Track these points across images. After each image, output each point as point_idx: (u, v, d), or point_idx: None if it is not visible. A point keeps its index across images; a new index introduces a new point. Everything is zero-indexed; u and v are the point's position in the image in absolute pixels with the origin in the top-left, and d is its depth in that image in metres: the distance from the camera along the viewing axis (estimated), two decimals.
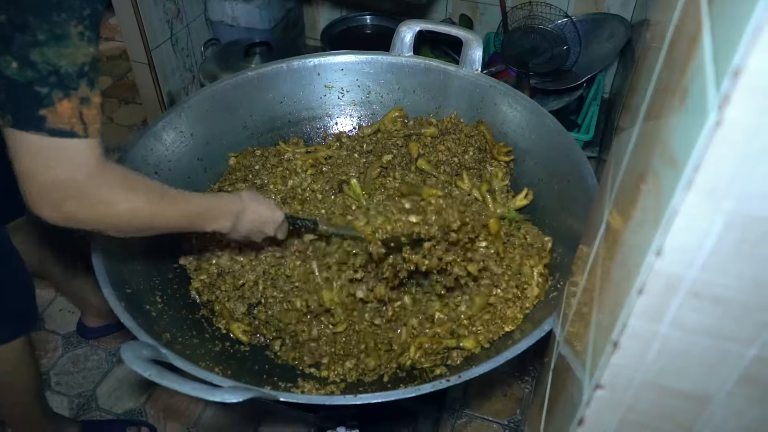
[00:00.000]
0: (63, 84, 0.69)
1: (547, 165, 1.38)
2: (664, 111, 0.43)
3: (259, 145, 1.54)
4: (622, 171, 0.57)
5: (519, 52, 2.11)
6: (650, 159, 0.44)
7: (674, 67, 0.43)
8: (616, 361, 0.44)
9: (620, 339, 0.42)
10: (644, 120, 0.52)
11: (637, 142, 0.53)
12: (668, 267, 0.37)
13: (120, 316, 0.99)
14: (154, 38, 2.11)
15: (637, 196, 0.46)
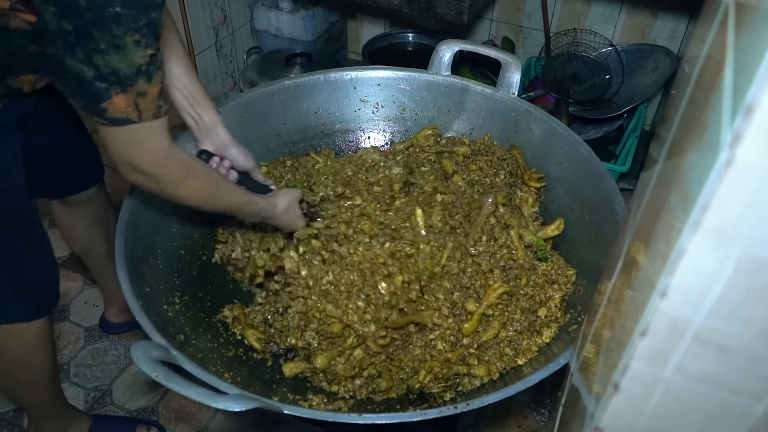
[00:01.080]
0: (121, 82, 0.79)
1: (578, 194, 1.35)
2: (685, 146, 0.42)
3: (291, 154, 1.55)
4: (644, 206, 0.55)
5: (560, 78, 2.09)
6: (668, 195, 0.42)
7: (698, 101, 0.42)
8: (616, 404, 0.41)
9: (621, 381, 0.40)
10: (667, 154, 0.50)
11: (659, 177, 0.51)
12: (673, 309, 0.35)
13: (136, 314, 1.00)
14: (199, 43, 2.15)
15: (653, 233, 0.44)
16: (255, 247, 1.26)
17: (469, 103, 1.56)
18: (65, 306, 1.78)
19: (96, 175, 1.49)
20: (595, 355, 0.59)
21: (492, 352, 1.15)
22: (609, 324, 0.53)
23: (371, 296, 1.16)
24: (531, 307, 1.19)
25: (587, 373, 0.62)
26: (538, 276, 1.25)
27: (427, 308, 1.18)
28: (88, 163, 1.46)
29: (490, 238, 1.30)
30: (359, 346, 1.15)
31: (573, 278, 1.24)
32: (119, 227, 1.14)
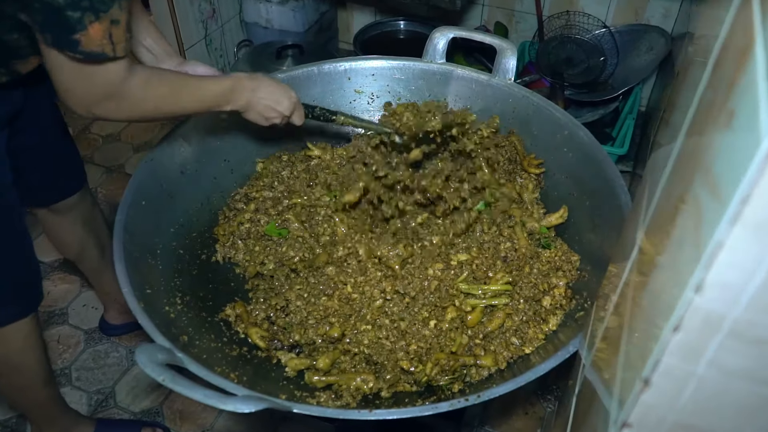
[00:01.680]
0: (94, 8, 0.77)
1: (578, 179, 1.34)
2: (707, 133, 0.40)
3: (287, 149, 1.53)
4: (659, 192, 0.54)
5: (554, 61, 2.07)
6: (690, 183, 0.41)
7: (719, 86, 0.40)
8: (646, 400, 0.40)
9: (652, 377, 0.39)
10: (684, 140, 0.49)
11: (676, 163, 0.50)
12: (708, 304, 0.33)
13: (138, 316, 0.99)
14: (188, 37, 2.12)
15: (674, 222, 0.43)
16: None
17: (466, 90, 1.55)
18: (64, 309, 1.76)
19: (79, 181, 1.48)
20: (612, 352, 0.58)
21: (498, 342, 1.14)
22: (629, 319, 0.52)
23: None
24: (535, 296, 1.18)
25: (603, 368, 0.61)
26: (542, 264, 1.24)
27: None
28: (71, 168, 1.45)
29: (493, 228, 1.29)
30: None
31: (577, 264, 1.23)
32: (117, 229, 1.13)
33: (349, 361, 1.15)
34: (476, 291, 1.19)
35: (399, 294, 1.19)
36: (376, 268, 1.23)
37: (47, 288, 1.79)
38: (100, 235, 1.55)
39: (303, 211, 1.36)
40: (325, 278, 1.22)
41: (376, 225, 1.31)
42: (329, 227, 1.31)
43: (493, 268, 1.23)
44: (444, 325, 1.16)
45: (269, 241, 1.33)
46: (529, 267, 1.23)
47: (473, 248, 1.24)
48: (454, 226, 1.28)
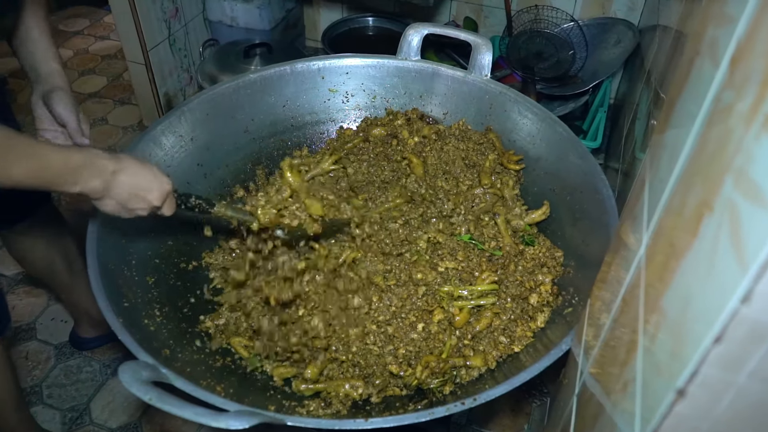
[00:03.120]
0: None
1: (558, 174, 1.34)
2: (731, 135, 0.39)
3: (260, 150, 1.49)
4: (667, 194, 0.53)
5: (524, 56, 2.08)
6: (716, 187, 0.40)
7: (744, 86, 0.39)
8: (680, 411, 0.39)
9: (688, 387, 0.38)
10: (697, 142, 0.48)
11: (692, 163, 0.48)
12: (756, 314, 0.32)
13: (118, 333, 0.95)
14: (151, 38, 2.06)
15: (697, 229, 0.42)
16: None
17: (441, 87, 1.53)
18: (31, 324, 1.68)
19: (38, 200, 1.41)
20: (620, 361, 0.57)
21: (487, 342, 1.13)
22: (648, 328, 0.51)
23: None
24: (522, 293, 1.18)
25: (610, 381, 0.60)
26: (526, 261, 1.23)
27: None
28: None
29: (477, 227, 1.28)
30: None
31: (561, 260, 1.23)
32: (89, 242, 1.08)
33: (336, 368, 1.13)
34: (463, 292, 1.18)
35: (384, 301, 1.17)
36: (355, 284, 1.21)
37: (12, 302, 1.72)
38: (67, 250, 1.49)
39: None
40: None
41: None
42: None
43: (478, 268, 1.22)
44: (432, 328, 1.14)
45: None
46: (514, 265, 1.22)
47: (459, 252, 1.23)
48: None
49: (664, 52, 1.33)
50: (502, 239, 1.27)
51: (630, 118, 1.68)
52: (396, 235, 1.26)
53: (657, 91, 1.36)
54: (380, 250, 1.24)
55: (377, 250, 1.24)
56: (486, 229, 1.29)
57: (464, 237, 1.27)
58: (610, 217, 1.14)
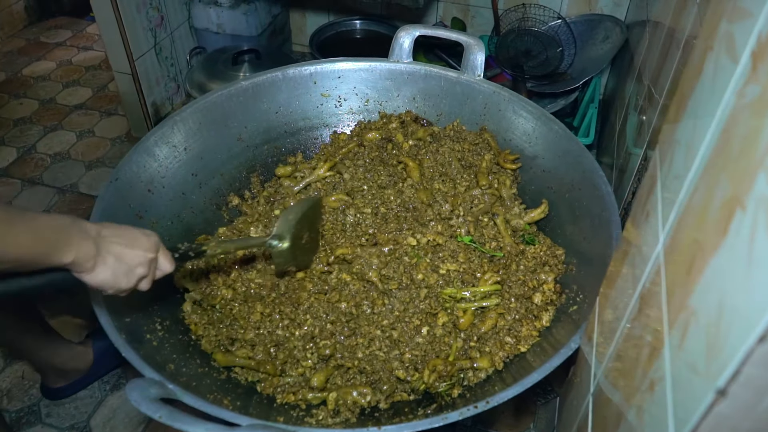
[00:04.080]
0: None
1: (555, 172, 1.34)
2: (763, 132, 0.39)
3: (254, 158, 1.48)
4: (687, 189, 0.53)
5: (513, 54, 2.08)
6: (747, 183, 0.39)
7: None
8: (721, 411, 0.39)
9: (730, 387, 0.37)
10: (721, 136, 0.47)
11: (715, 159, 0.48)
12: None
13: (121, 350, 0.93)
14: (137, 47, 2.03)
15: (728, 223, 0.41)
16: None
17: (434, 88, 1.53)
18: None
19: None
20: (643, 362, 0.56)
21: (493, 343, 1.13)
22: (667, 323, 0.51)
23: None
24: (525, 293, 1.17)
25: (630, 379, 0.59)
26: (527, 260, 1.23)
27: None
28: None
29: (476, 228, 1.28)
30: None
31: (563, 258, 1.23)
32: None
33: (342, 375, 1.11)
34: (465, 294, 1.18)
35: (387, 306, 1.17)
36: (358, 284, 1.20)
37: None
38: (15, 320, 1.35)
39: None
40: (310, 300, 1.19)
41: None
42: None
43: (480, 269, 1.22)
44: (437, 331, 1.14)
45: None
46: (515, 265, 1.22)
47: (460, 254, 1.22)
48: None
49: (657, 48, 1.34)
50: (503, 239, 1.27)
51: (622, 114, 1.68)
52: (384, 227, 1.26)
53: (649, 87, 1.36)
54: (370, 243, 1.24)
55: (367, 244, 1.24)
56: (486, 230, 1.29)
57: (465, 239, 1.26)
58: (611, 213, 1.14)
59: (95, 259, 0.80)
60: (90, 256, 0.79)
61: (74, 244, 0.76)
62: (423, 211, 1.30)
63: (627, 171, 1.41)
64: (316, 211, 1.27)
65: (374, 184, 1.39)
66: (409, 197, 1.34)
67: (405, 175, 1.40)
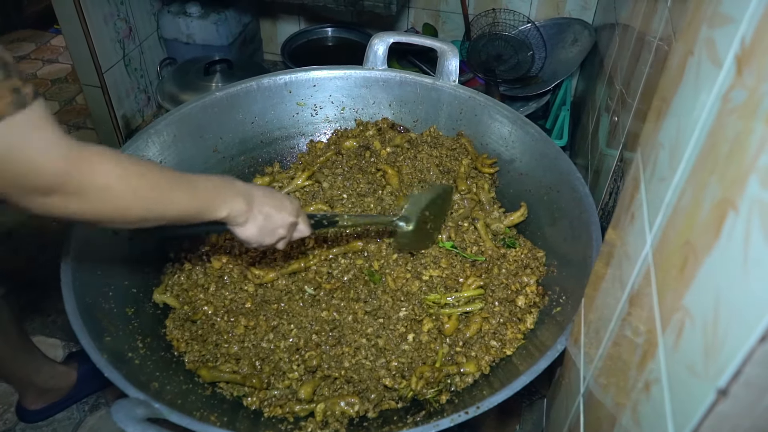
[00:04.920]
0: None
1: (533, 175, 1.35)
2: (753, 136, 0.40)
3: (231, 170, 1.46)
4: (674, 191, 0.54)
5: (485, 59, 2.10)
6: (739, 185, 0.40)
7: (760, 89, 0.40)
8: (722, 410, 0.39)
9: (731, 387, 0.38)
10: (707, 140, 0.48)
11: (702, 162, 0.49)
12: None
13: (104, 370, 0.91)
14: (105, 59, 2.00)
15: (720, 225, 0.42)
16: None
17: (410, 95, 1.53)
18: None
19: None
20: (636, 364, 0.57)
21: (478, 347, 1.13)
22: (659, 325, 0.52)
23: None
24: (508, 296, 1.18)
25: (623, 380, 0.60)
26: (509, 263, 1.24)
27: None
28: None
29: (457, 233, 1.28)
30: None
31: (543, 260, 1.24)
32: (65, 276, 1.04)
33: (329, 385, 1.11)
34: (449, 299, 1.18)
35: (370, 314, 1.16)
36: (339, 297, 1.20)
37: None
38: (1, 318, 1.33)
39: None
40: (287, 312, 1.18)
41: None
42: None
43: (462, 273, 1.22)
44: (423, 338, 1.14)
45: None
46: (497, 268, 1.23)
47: (442, 260, 1.23)
48: None
49: (628, 51, 1.36)
50: (484, 243, 1.27)
51: (594, 116, 1.71)
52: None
53: (621, 90, 1.39)
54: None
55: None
56: (467, 235, 1.29)
57: (446, 244, 1.27)
58: (589, 214, 1.15)
59: (247, 215, 0.89)
60: (242, 212, 0.88)
61: (228, 202, 0.86)
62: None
63: (602, 172, 1.43)
64: (446, 198, 1.30)
65: (353, 193, 1.38)
66: (390, 204, 1.34)
67: (384, 182, 1.40)
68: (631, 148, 1.17)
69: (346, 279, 1.23)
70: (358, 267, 1.25)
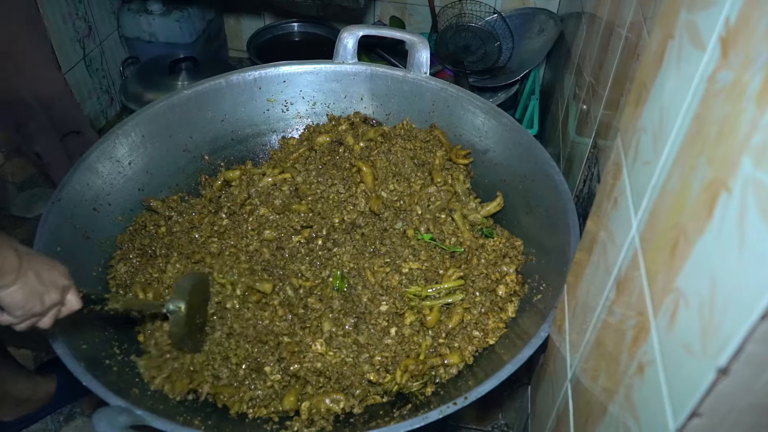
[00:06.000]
0: None
1: (508, 164, 1.36)
2: (744, 116, 0.40)
3: (203, 168, 1.44)
4: (659, 175, 0.54)
5: (453, 51, 2.10)
6: (731, 166, 0.41)
7: (747, 70, 0.40)
8: (722, 389, 0.40)
9: (731, 366, 0.38)
10: (694, 122, 0.49)
11: (689, 144, 0.49)
12: None
13: (82, 379, 0.88)
14: (66, 60, 1.94)
15: (712, 206, 0.43)
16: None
17: (381, 88, 1.53)
18: None
19: None
20: (627, 346, 0.58)
21: (461, 338, 1.13)
22: (651, 310, 0.52)
23: None
24: (489, 286, 1.19)
25: (614, 364, 0.61)
26: (488, 253, 1.24)
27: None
28: None
29: (435, 225, 1.28)
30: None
31: (521, 248, 1.25)
32: None
33: (312, 383, 1.09)
34: (430, 291, 1.18)
35: (345, 313, 1.16)
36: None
37: None
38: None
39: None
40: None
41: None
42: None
43: (442, 265, 1.22)
44: (405, 331, 1.14)
45: None
46: (476, 259, 1.23)
47: (421, 252, 1.22)
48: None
49: (596, 40, 1.38)
50: (462, 234, 1.28)
51: (564, 104, 1.73)
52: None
53: (590, 80, 1.40)
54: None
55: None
56: (444, 227, 1.29)
57: (425, 237, 1.27)
58: (565, 202, 1.16)
59: (17, 272, 0.74)
60: (14, 268, 0.74)
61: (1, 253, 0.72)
62: (372, 226, 1.30)
63: (575, 159, 1.45)
64: (205, 287, 1.17)
65: (330, 190, 1.37)
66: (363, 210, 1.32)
67: (359, 178, 1.38)
68: (605, 135, 1.18)
69: (324, 276, 1.22)
70: (335, 263, 1.24)
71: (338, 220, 1.30)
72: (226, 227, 1.30)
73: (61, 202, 1.15)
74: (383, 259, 1.23)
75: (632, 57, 1.05)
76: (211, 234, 1.28)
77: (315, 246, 1.26)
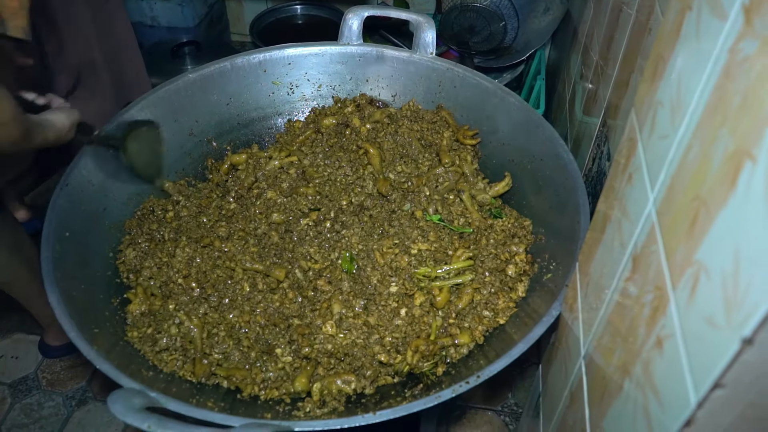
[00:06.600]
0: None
1: (516, 144, 1.35)
2: (765, 85, 0.39)
3: (209, 152, 1.43)
4: (677, 147, 0.54)
5: (457, 31, 2.08)
6: (755, 136, 0.40)
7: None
8: (747, 359, 0.40)
9: (757, 335, 0.38)
10: (715, 92, 0.48)
11: (710, 115, 0.49)
12: None
13: (95, 362, 0.89)
14: None
15: (735, 177, 0.42)
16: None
17: (387, 69, 1.51)
18: None
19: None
20: (645, 321, 0.58)
21: (471, 318, 1.13)
22: (669, 282, 0.52)
23: None
24: (498, 266, 1.18)
25: (632, 339, 0.60)
26: (496, 233, 1.24)
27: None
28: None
29: (444, 206, 1.28)
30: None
31: (530, 228, 1.25)
32: (46, 269, 1.01)
33: (324, 365, 1.10)
34: (439, 272, 1.18)
35: (355, 294, 1.16)
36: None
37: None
38: (30, 258, 1.40)
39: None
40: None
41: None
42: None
43: (451, 246, 1.22)
44: (415, 312, 1.14)
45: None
46: (485, 239, 1.23)
47: (430, 233, 1.22)
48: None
49: (604, 18, 1.36)
50: (470, 215, 1.27)
51: (570, 84, 1.71)
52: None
53: (596, 58, 1.39)
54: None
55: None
56: (453, 207, 1.29)
57: (433, 218, 1.26)
58: (575, 180, 1.16)
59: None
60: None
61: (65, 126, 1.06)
62: (381, 208, 1.29)
63: (583, 139, 1.44)
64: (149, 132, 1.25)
65: (337, 173, 1.37)
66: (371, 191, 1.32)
67: (366, 160, 1.38)
68: (614, 113, 1.17)
69: (333, 258, 1.22)
70: (343, 245, 1.24)
71: (346, 202, 1.30)
72: (233, 211, 1.30)
73: (68, 186, 1.14)
74: (392, 241, 1.23)
75: (642, 34, 1.04)
76: (219, 218, 1.28)
77: (323, 228, 1.26)
